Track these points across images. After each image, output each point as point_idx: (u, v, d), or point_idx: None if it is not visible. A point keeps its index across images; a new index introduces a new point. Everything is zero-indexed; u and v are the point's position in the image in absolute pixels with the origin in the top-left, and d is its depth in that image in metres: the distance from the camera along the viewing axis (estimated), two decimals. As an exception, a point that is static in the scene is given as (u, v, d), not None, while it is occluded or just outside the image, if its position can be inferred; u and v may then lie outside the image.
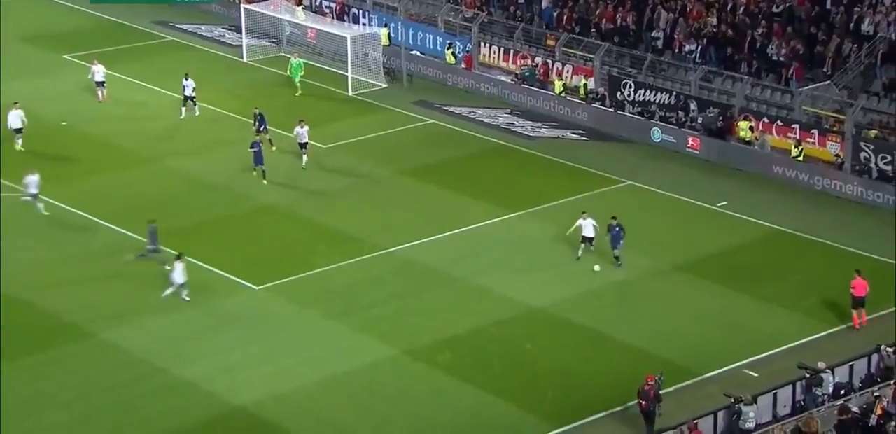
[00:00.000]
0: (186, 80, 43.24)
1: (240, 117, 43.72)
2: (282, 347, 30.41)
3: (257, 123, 41.45)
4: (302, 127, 39.78)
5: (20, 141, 40.21)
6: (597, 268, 31.78)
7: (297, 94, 45.99)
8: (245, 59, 49.79)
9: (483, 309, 32.01)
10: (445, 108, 45.73)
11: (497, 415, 28.02)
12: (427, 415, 28.02)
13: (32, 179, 35.80)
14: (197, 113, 43.47)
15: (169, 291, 31.82)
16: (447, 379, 29.20)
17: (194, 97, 43.28)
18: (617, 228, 33.05)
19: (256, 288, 33.10)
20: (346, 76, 46.97)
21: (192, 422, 27.48)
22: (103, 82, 44.34)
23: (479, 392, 28.70)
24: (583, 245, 33.92)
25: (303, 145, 39.99)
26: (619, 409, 27.80)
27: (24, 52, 49.48)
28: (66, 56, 49.67)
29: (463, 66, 47.94)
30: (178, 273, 31.67)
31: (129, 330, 30.84)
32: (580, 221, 33.91)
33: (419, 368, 29.57)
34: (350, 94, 46.78)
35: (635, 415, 27.14)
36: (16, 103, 40.41)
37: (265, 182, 38.55)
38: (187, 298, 31.87)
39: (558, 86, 45.29)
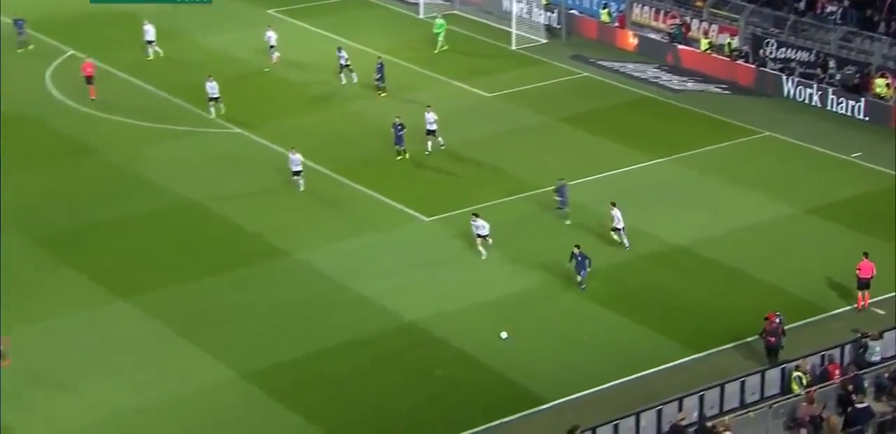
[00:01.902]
0: (340, 51, 42.32)
1: (414, 67, 43.78)
2: (446, 272, 30.65)
3: (377, 72, 40.95)
4: (429, 112, 36.65)
5: (213, 109, 39.53)
6: (504, 335, 27.41)
7: (435, 51, 45.23)
8: (421, 16, 49.68)
9: (630, 244, 31.57)
10: (599, 62, 44.90)
11: (637, 339, 27.80)
12: (572, 336, 27.99)
13: (295, 158, 34.13)
14: (355, 80, 42.14)
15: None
16: (594, 305, 29.05)
17: (349, 65, 42.23)
18: (580, 257, 29.09)
19: (426, 219, 33.32)
20: (510, 32, 46.48)
21: (368, 333, 27.98)
22: (275, 47, 44.05)
23: (622, 318, 28.50)
24: (617, 235, 31.28)
25: (430, 132, 36.58)
26: (750, 339, 27.20)
27: (232, 7, 50.22)
28: (269, 11, 50.33)
29: (617, 24, 46.88)
30: (481, 226, 30.57)
31: (318, 252, 31.45)
32: (611, 212, 31.16)
33: (569, 295, 29.45)
34: (513, 48, 46.31)
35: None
36: (210, 76, 39.71)
37: (401, 158, 36.42)
38: (483, 253, 30.70)
39: (704, 44, 43.95)
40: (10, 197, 34.19)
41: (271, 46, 44.13)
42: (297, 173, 34.27)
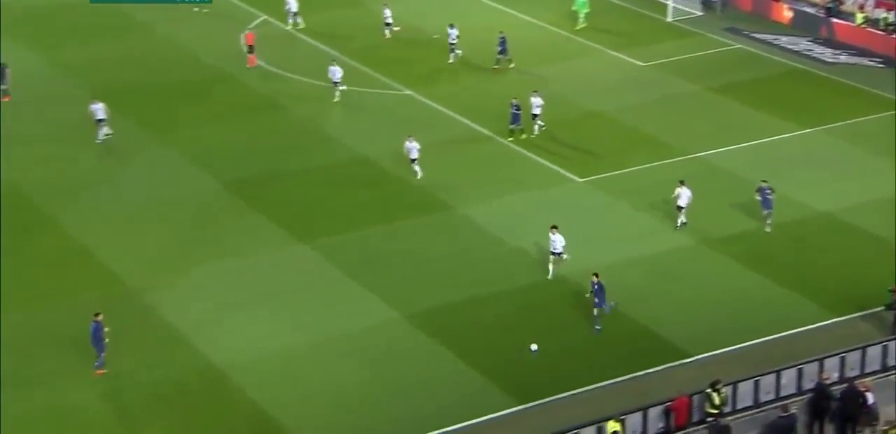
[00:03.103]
0: (451, 28, 40.70)
1: (574, 37, 43.11)
2: (597, 230, 30.17)
3: (500, 47, 39.74)
4: (535, 97, 34.67)
5: (338, 93, 37.94)
6: (534, 347, 25.11)
7: (576, 28, 43.71)
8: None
9: (774, 210, 30.33)
10: (753, 34, 43.13)
11: (779, 300, 26.90)
12: (717, 294, 27.24)
13: (412, 145, 32.53)
14: (460, 54, 40.81)
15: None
16: (738, 267, 28.20)
17: (455, 44, 40.64)
18: (597, 286, 25.80)
19: (579, 180, 32.83)
20: (667, 4, 45.05)
21: (517, 285, 27.72)
22: (390, 24, 43.13)
23: (766, 280, 27.61)
24: (678, 213, 29.60)
25: (535, 116, 34.55)
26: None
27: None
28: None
29: (772, -2, 44.89)
30: (557, 241, 27.70)
31: (478, 207, 31.34)
32: (677, 190, 29.35)
33: (712, 255, 28.66)
34: (669, 20, 44.92)
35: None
36: (333, 60, 38.48)
37: (511, 140, 34.68)
38: (551, 271, 28.06)
39: (859, 18, 41.57)
40: (207, 145, 35.11)
41: (387, 24, 43.07)
42: (413, 161, 32.41)
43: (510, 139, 34.71)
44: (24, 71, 39.93)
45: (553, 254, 27.61)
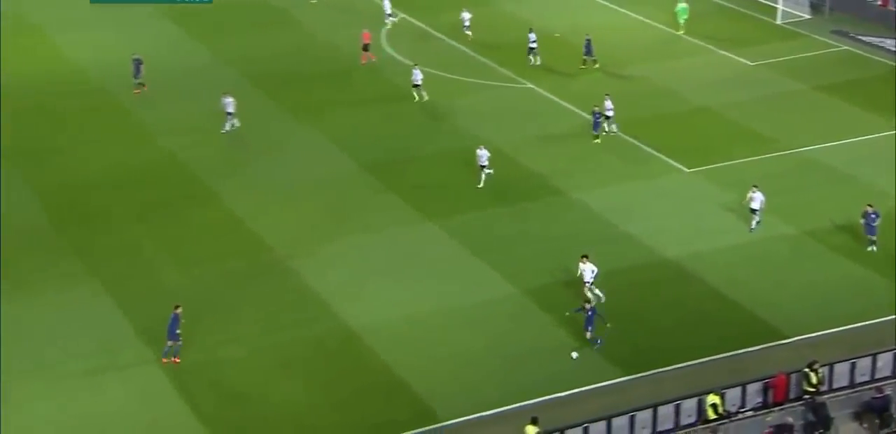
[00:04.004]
0: (530, 33, 40.25)
1: (686, 37, 42.49)
2: (704, 217, 29.96)
3: (585, 48, 39.10)
4: (606, 100, 34.12)
5: (417, 95, 37.30)
6: (574, 355, 24.44)
7: (678, 33, 42.60)
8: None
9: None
10: (859, 37, 41.80)
11: (877, 289, 26.39)
12: (815, 281, 26.91)
13: (482, 153, 31.70)
14: (538, 62, 39.80)
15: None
16: (835, 255, 27.80)
17: (535, 48, 40.02)
18: (590, 312, 24.83)
19: (687, 170, 32.57)
20: (776, 7, 43.99)
21: (625, 265, 27.76)
22: (468, 26, 42.52)
23: (864, 269, 27.17)
24: (752, 215, 28.87)
25: (606, 118, 34.06)
26: None
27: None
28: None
29: (879, 2, 43.24)
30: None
31: (590, 193, 31.43)
32: (750, 194, 28.67)
33: (811, 244, 28.27)
34: (778, 22, 43.88)
35: None
36: (416, 65, 37.99)
37: (597, 141, 34.29)
38: (594, 298, 26.33)
39: (966, 21, 39.89)
40: (347, 130, 35.78)
41: (465, 26, 42.47)
42: (482, 167, 31.59)
43: (596, 141, 34.23)
44: (189, 62, 41.52)
45: (584, 283, 26.32)
